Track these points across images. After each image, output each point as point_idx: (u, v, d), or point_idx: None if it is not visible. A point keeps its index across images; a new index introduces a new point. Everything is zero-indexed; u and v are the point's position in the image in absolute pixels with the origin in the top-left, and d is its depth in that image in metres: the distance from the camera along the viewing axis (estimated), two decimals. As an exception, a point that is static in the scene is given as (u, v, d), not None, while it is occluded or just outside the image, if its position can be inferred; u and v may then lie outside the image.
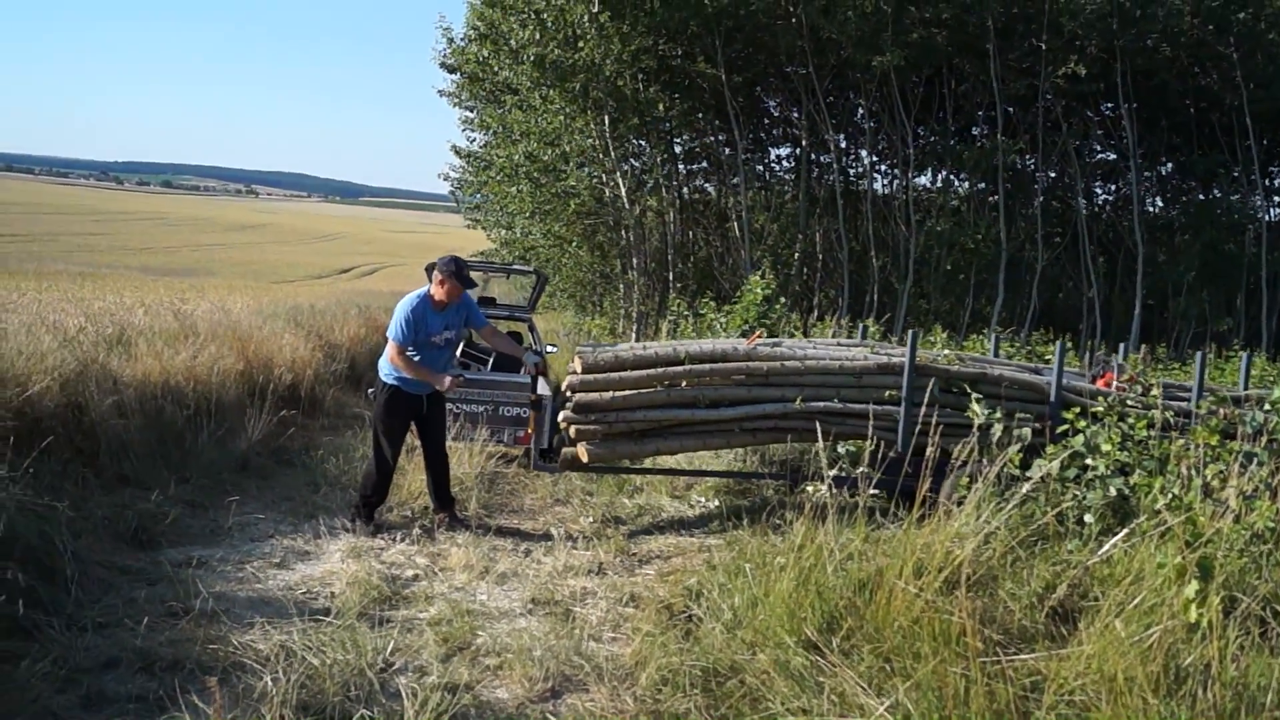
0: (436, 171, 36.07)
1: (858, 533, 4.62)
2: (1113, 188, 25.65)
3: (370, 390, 6.83)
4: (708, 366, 6.51)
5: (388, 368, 6.54)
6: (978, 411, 6.18)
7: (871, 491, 4.77)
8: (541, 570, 5.87)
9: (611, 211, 23.76)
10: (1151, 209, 24.10)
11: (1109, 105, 22.03)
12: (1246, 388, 7.57)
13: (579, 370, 6.52)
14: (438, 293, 6.48)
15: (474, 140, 32.09)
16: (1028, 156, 22.32)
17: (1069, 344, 12.65)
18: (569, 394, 6.48)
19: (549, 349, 10.65)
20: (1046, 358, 10.61)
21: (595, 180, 23.84)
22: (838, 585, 4.16)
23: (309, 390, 10.42)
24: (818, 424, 6.44)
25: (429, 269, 10.41)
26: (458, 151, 35.13)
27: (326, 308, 15.41)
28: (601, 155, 22.73)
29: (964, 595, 3.20)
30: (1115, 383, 6.92)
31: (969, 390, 6.43)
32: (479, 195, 36.24)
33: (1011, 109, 21.36)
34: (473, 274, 6.76)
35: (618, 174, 22.76)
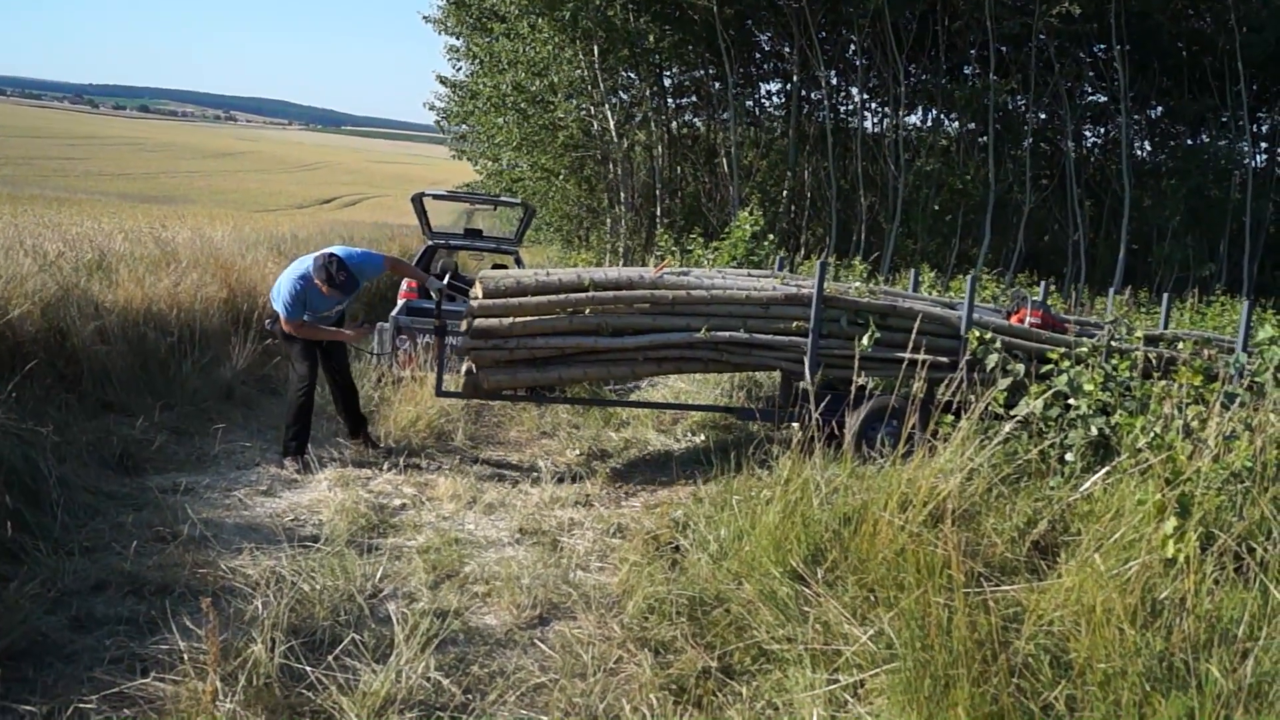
0: (421, 101, 35.62)
1: (843, 468, 4.67)
2: (1102, 131, 25.58)
3: (268, 320, 6.58)
4: (611, 294, 6.40)
5: (280, 296, 6.27)
6: (865, 344, 6.22)
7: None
8: (528, 501, 5.91)
9: (599, 145, 23.54)
10: (1140, 153, 24.06)
11: (1101, 46, 21.87)
12: (1166, 327, 7.64)
13: (480, 296, 6.40)
14: (321, 286, 6.14)
15: (460, 69, 31.59)
16: (1018, 97, 22.18)
17: (1053, 287, 12.75)
18: (469, 320, 6.40)
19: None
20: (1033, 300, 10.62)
21: (583, 112, 23.56)
22: (823, 518, 4.21)
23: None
24: (724, 354, 6.48)
25: (415, 199, 10.35)
26: (444, 81, 34.61)
27: (309, 237, 15.27)
28: (590, 87, 22.44)
29: (950, 527, 3.25)
30: (1028, 319, 6.94)
31: (879, 323, 6.44)
32: (465, 126, 35.78)
33: (1004, 48, 21.17)
34: (460, 205, 6.67)
35: (606, 106, 22.50)
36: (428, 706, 3.32)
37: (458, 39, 29.90)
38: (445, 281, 7.03)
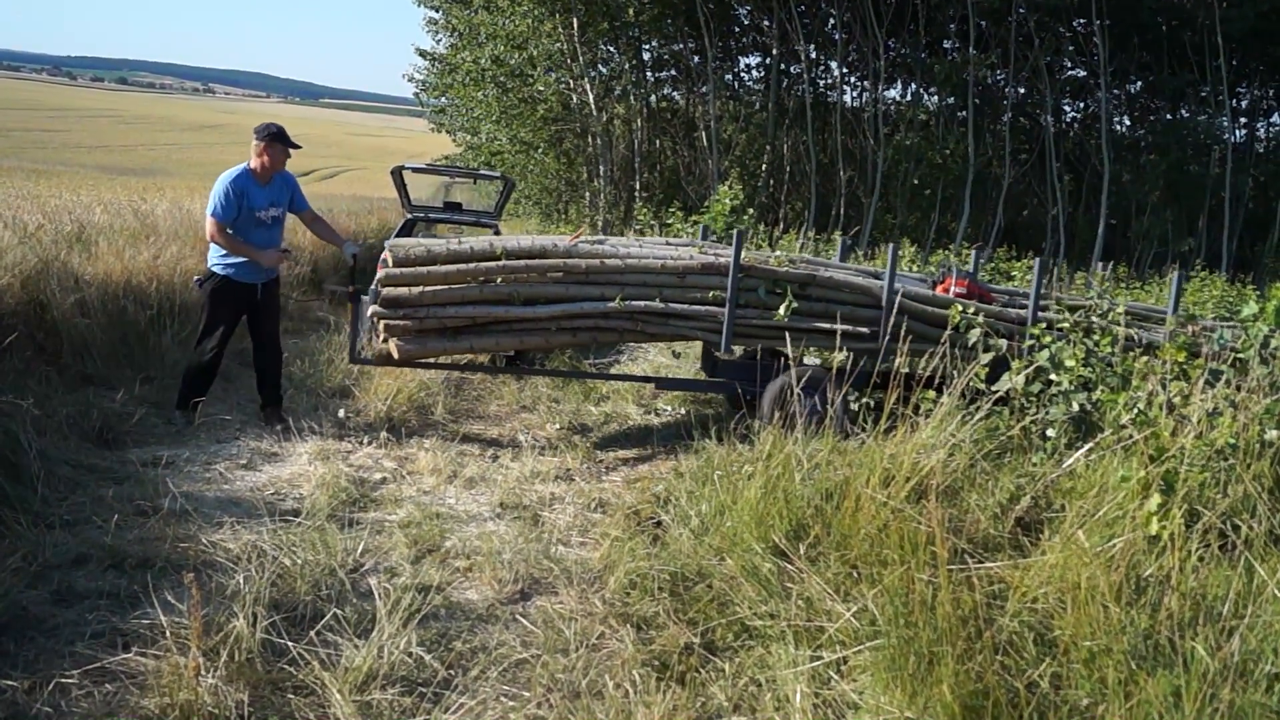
0: (400, 73, 35.18)
1: (825, 443, 4.67)
2: (1082, 105, 25.63)
3: (196, 279, 6.51)
4: (524, 263, 6.34)
5: (216, 255, 6.28)
6: (781, 315, 6.25)
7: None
8: (509, 475, 5.89)
9: (578, 118, 23.41)
10: (1119, 128, 24.14)
11: (1081, 21, 21.87)
12: (1102, 295, 7.67)
13: (389, 264, 6.32)
14: (257, 163, 6.24)
15: (440, 41, 31.29)
16: (998, 71, 22.19)
17: (1030, 262, 12.79)
18: (379, 288, 6.32)
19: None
20: (1013, 274, 10.66)
21: (563, 86, 23.42)
22: (805, 494, 4.21)
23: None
24: (639, 324, 6.43)
25: (394, 172, 10.24)
26: (423, 53, 34.30)
27: (287, 210, 15.10)
28: (569, 60, 22.29)
29: (934, 503, 3.26)
30: (953, 289, 6.95)
31: (799, 293, 6.43)
32: (444, 99, 35.50)
33: (984, 23, 21.14)
34: (439, 178, 6.63)
35: (585, 80, 22.36)
36: (410, 682, 3.31)
37: (437, 11, 29.63)
38: (359, 250, 6.90)
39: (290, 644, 3.37)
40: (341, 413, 6.81)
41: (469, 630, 3.77)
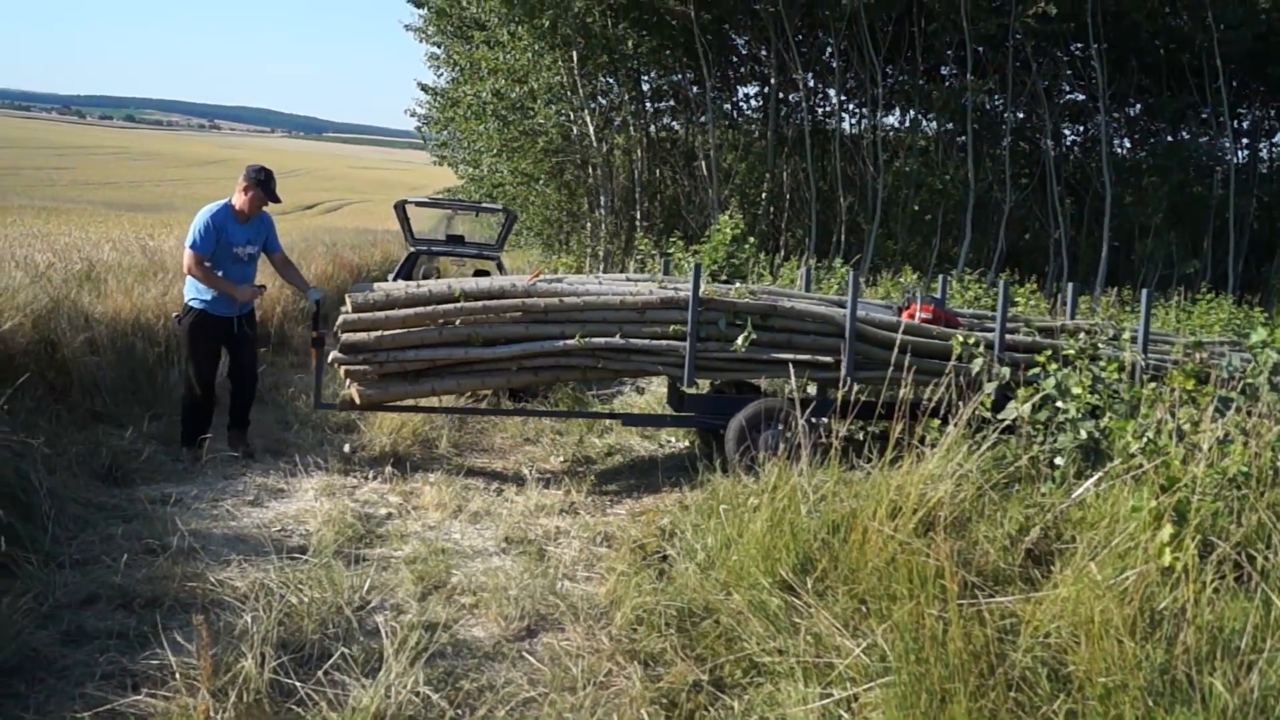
0: (403, 108, 35.65)
1: (831, 474, 4.66)
2: (1081, 129, 25.70)
3: (176, 315, 6.61)
4: (481, 304, 6.35)
5: (192, 290, 6.37)
6: (739, 346, 6.26)
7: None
8: (514, 509, 5.88)
9: (579, 149, 23.54)
10: (1120, 150, 24.19)
11: (1079, 45, 22.00)
12: (1073, 318, 7.64)
13: (349, 310, 6.36)
14: (240, 201, 6.35)
15: (441, 76, 31.58)
16: (996, 97, 22.28)
17: (1035, 286, 12.80)
18: (339, 333, 6.35)
19: None
20: (1017, 300, 10.64)
21: (563, 118, 23.57)
22: (811, 526, 4.19)
23: (278, 328, 10.31)
24: (600, 360, 6.43)
25: (397, 206, 10.30)
26: (425, 88, 34.62)
27: (292, 244, 15.12)
28: (569, 93, 22.46)
29: (942, 537, 3.24)
30: (919, 315, 6.94)
31: (760, 324, 6.42)
32: (446, 132, 35.74)
33: (981, 49, 21.25)
34: (443, 212, 6.68)
35: (585, 111, 22.51)
36: (418, 722, 3.29)
37: (439, 47, 29.92)
38: (321, 296, 6.92)
39: (298, 684, 3.35)
40: (347, 448, 6.81)
41: (476, 668, 3.75)
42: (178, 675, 3.24)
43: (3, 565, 4.10)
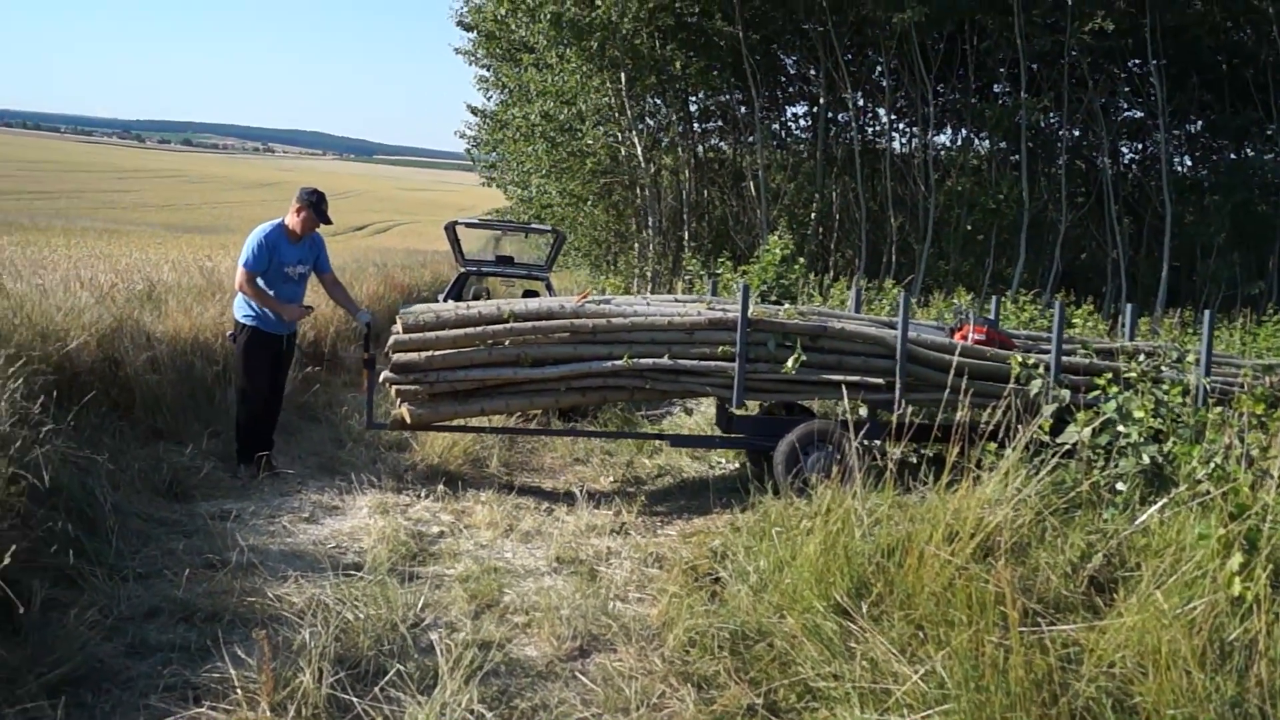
0: (452, 130, 36.22)
1: (885, 497, 4.61)
2: (1139, 146, 25.18)
3: (230, 334, 6.76)
4: (530, 325, 6.38)
5: (244, 307, 6.50)
6: (790, 368, 6.19)
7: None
8: (565, 529, 5.90)
9: (627, 170, 23.66)
10: (1180, 168, 23.63)
11: (1137, 61, 21.59)
12: (1133, 339, 7.46)
13: (399, 331, 6.43)
14: (293, 221, 6.47)
15: (490, 98, 31.94)
16: (1051, 114, 21.93)
17: (1092, 306, 12.57)
18: (390, 354, 6.41)
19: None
20: (1074, 322, 10.47)
21: (611, 139, 23.71)
22: (866, 550, 4.14)
23: (331, 347, 10.46)
24: (649, 381, 6.41)
25: (448, 227, 10.41)
26: (474, 110, 35.04)
27: (344, 265, 15.39)
28: (617, 114, 22.60)
29: (1004, 563, 3.19)
30: (971, 336, 6.81)
31: (810, 345, 6.36)
32: (495, 154, 36.11)
33: (1035, 66, 20.92)
34: (492, 233, 6.76)
35: (633, 132, 22.62)
36: (473, 741, 3.30)
37: (487, 70, 30.29)
38: (371, 318, 7.00)
39: (355, 700, 3.39)
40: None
41: (529, 687, 3.76)
42: (238, 689, 3.30)
43: (70, 578, 4.22)
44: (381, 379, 6.50)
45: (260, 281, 6.38)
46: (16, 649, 3.48)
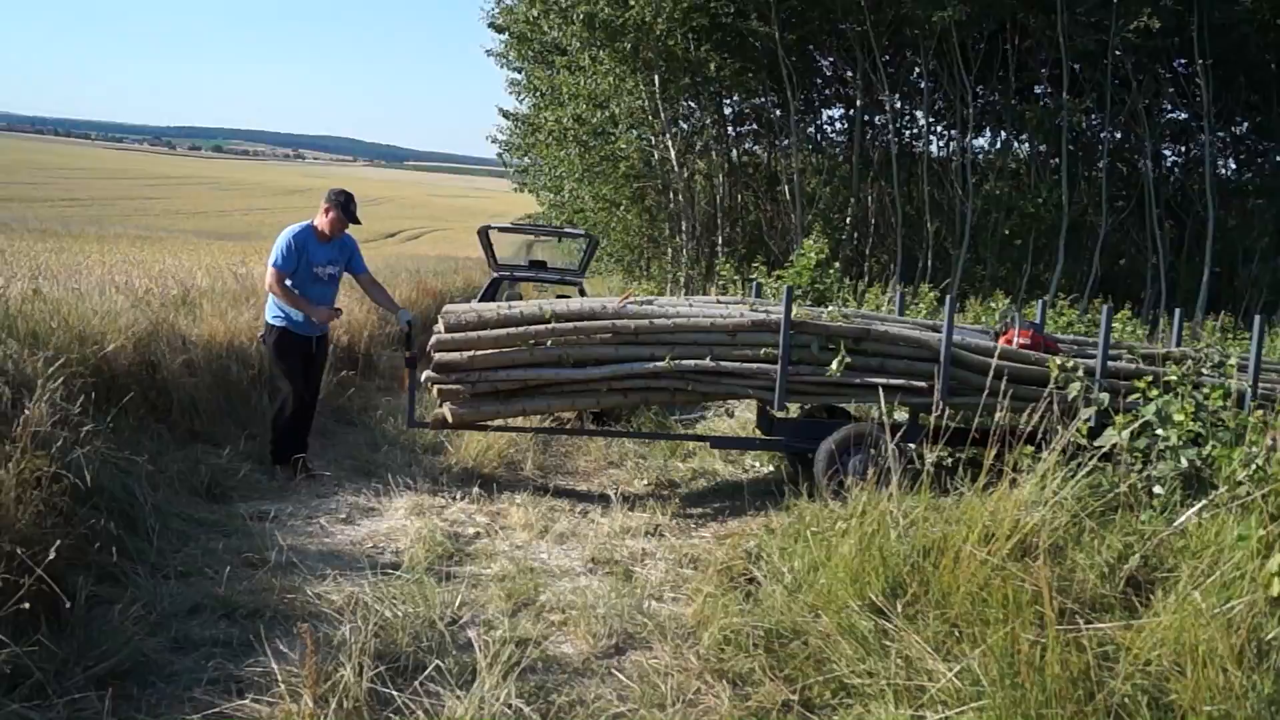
0: (484, 134, 36.32)
1: (921, 499, 4.60)
2: (1183, 149, 24.73)
3: (260, 334, 6.84)
4: (572, 325, 6.38)
5: (274, 309, 6.56)
6: (835, 370, 6.17)
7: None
8: (599, 530, 5.94)
9: (660, 174, 23.68)
10: (1224, 171, 23.20)
11: (1182, 61, 21.17)
12: (1178, 344, 7.36)
13: (441, 330, 6.44)
14: (321, 222, 6.52)
15: (522, 102, 32.07)
16: (1093, 116, 21.59)
17: (1130, 312, 12.43)
18: (432, 353, 6.43)
19: None
20: (1114, 326, 10.38)
21: (644, 143, 23.73)
22: (902, 550, 4.14)
23: (365, 352, 10.57)
24: (690, 383, 6.39)
25: (481, 232, 10.50)
26: (506, 114, 35.15)
27: (376, 270, 15.46)
28: (651, 117, 22.61)
29: (1042, 562, 3.19)
30: (1016, 340, 6.75)
31: (853, 348, 6.33)
32: (527, 158, 36.23)
33: (1077, 66, 20.51)
34: (524, 238, 6.80)
35: (667, 136, 22.63)
36: (511, 734, 3.34)
37: (519, 72, 30.42)
38: (412, 318, 7.04)
39: (395, 693, 3.44)
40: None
41: (566, 683, 3.79)
42: (281, 682, 3.35)
43: (114, 576, 4.31)
44: (423, 378, 6.56)
45: (289, 283, 6.45)
46: (64, 643, 3.56)
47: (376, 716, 3.33)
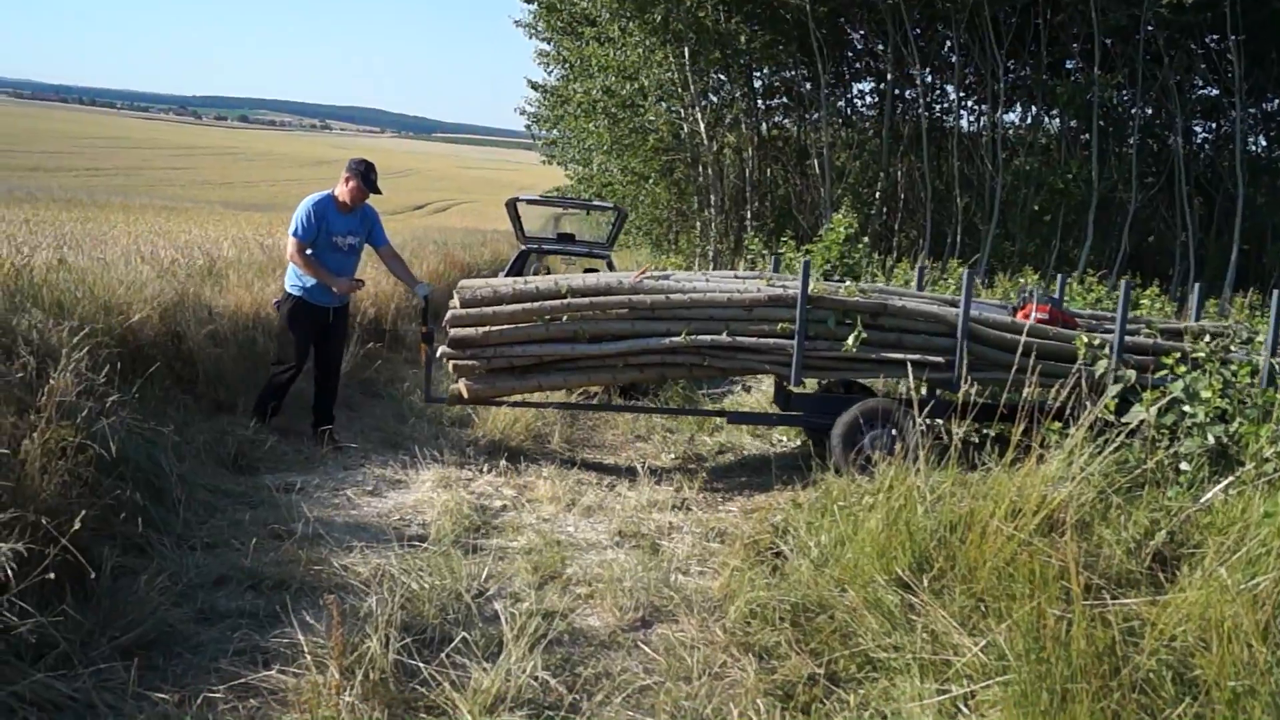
0: (512, 106, 36.28)
1: (949, 474, 4.58)
2: (1214, 126, 24.40)
3: (275, 301, 6.86)
4: (588, 300, 6.35)
5: (293, 278, 6.57)
6: (850, 345, 6.14)
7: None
8: (626, 504, 5.96)
9: (689, 148, 23.55)
10: (1254, 149, 22.88)
11: (1214, 37, 20.86)
12: (1199, 320, 7.28)
13: (457, 305, 6.43)
14: (341, 191, 6.51)
15: (551, 73, 31.94)
16: (1124, 92, 21.32)
17: (1158, 289, 12.29)
18: (447, 328, 6.42)
19: None
20: (1141, 303, 10.27)
21: (674, 115, 23.61)
22: (928, 525, 4.14)
23: (391, 324, 10.62)
24: (707, 358, 6.37)
25: (509, 204, 10.50)
26: (534, 85, 35.03)
27: (404, 243, 15.59)
28: (680, 90, 22.48)
29: (1070, 537, 3.18)
30: (1034, 315, 6.67)
31: (870, 323, 6.29)
32: (555, 131, 36.13)
33: (1109, 41, 20.28)
34: (553, 211, 6.79)
35: (696, 109, 22.50)
36: (537, 705, 3.37)
37: (548, 43, 30.27)
38: (430, 291, 7.05)
39: (421, 665, 3.47)
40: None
41: (592, 656, 3.82)
42: (307, 653, 3.39)
43: (139, 546, 4.34)
44: (439, 354, 6.58)
45: (310, 252, 6.47)
46: (90, 613, 3.59)
47: (403, 688, 3.36)
